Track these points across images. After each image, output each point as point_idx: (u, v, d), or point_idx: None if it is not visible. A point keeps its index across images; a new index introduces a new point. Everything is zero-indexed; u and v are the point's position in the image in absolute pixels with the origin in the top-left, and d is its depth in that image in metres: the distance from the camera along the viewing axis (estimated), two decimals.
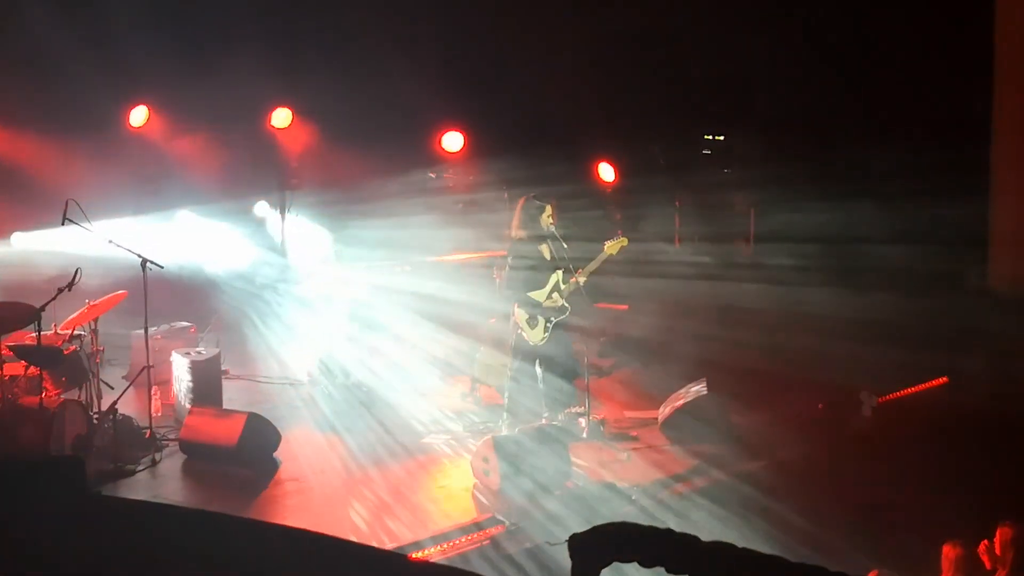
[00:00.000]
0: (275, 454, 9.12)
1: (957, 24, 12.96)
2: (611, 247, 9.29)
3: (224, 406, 10.01)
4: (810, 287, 12.53)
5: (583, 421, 9.55)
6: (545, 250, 9.38)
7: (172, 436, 9.44)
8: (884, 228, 12.95)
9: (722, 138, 15.54)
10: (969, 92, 13.36)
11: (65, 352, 9.07)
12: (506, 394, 9.65)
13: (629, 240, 9.45)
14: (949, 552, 5.74)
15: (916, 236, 12.60)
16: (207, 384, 10.06)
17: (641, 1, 13.81)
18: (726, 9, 13.68)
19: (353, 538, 7.20)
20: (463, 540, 7.46)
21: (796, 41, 13.35)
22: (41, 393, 8.44)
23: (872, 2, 13.65)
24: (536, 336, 9.33)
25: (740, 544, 2.35)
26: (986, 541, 5.76)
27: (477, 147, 13.90)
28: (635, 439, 9.66)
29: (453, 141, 13.93)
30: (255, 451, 8.95)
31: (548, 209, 9.37)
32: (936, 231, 12.50)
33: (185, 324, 11.82)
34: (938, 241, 12.50)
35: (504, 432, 8.97)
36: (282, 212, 13.86)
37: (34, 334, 8.66)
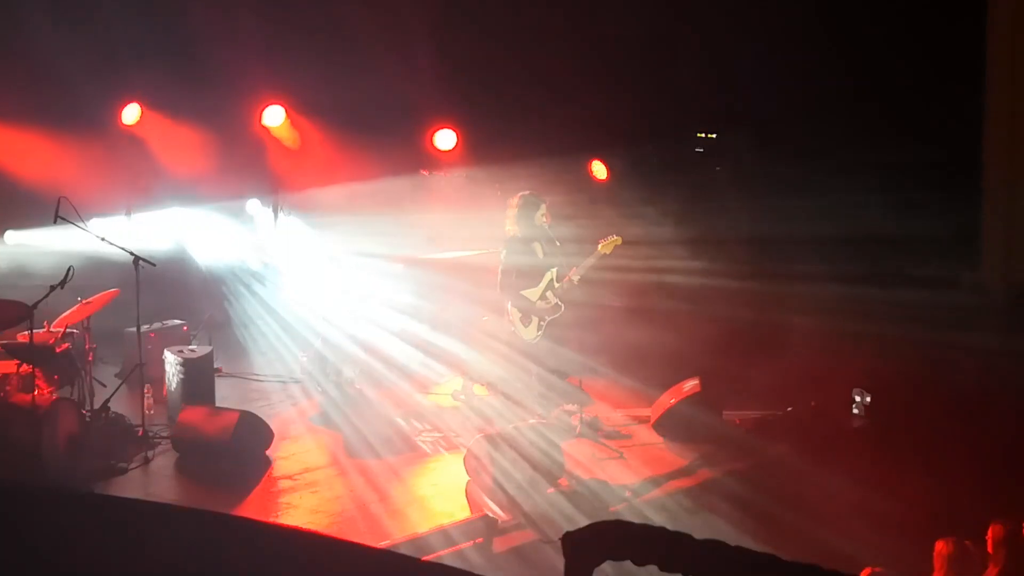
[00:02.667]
0: (267, 452, 9.13)
1: (950, 22, 12.99)
2: (605, 246, 9.29)
3: (217, 404, 10.00)
4: (803, 285, 12.54)
5: (576, 419, 9.56)
6: (538, 248, 9.38)
7: (165, 434, 9.43)
8: (878, 226, 12.96)
9: (714, 136, 15.56)
10: (962, 89, 13.38)
11: (57, 350, 9.05)
12: (499, 392, 9.65)
13: (623, 239, 9.45)
14: (941, 549, 5.75)
15: (910, 233, 12.61)
16: (200, 382, 10.04)
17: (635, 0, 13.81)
18: (720, 8, 13.69)
19: (346, 536, 7.20)
20: (456, 538, 7.46)
21: (789, 40, 13.35)
22: (33, 391, 8.43)
23: (865, 2, 13.67)
24: (529, 334, 9.34)
25: (733, 542, 2.35)
26: (968, 542, 5.77)
27: (470, 145, 13.90)
28: (628, 437, 9.68)
29: (446, 139, 13.93)
30: (248, 449, 8.95)
31: (543, 207, 9.38)
32: (930, 228, 12.51)
33: (178, 322, 11.79)
34: (932, 239, 12.52)
35: (497, 430, 8.97)
36: (274, 210, 13.83)
37: (26, 332, 8.65)
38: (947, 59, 12.96)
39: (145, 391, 9.44)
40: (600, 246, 9.30)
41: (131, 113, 12.87)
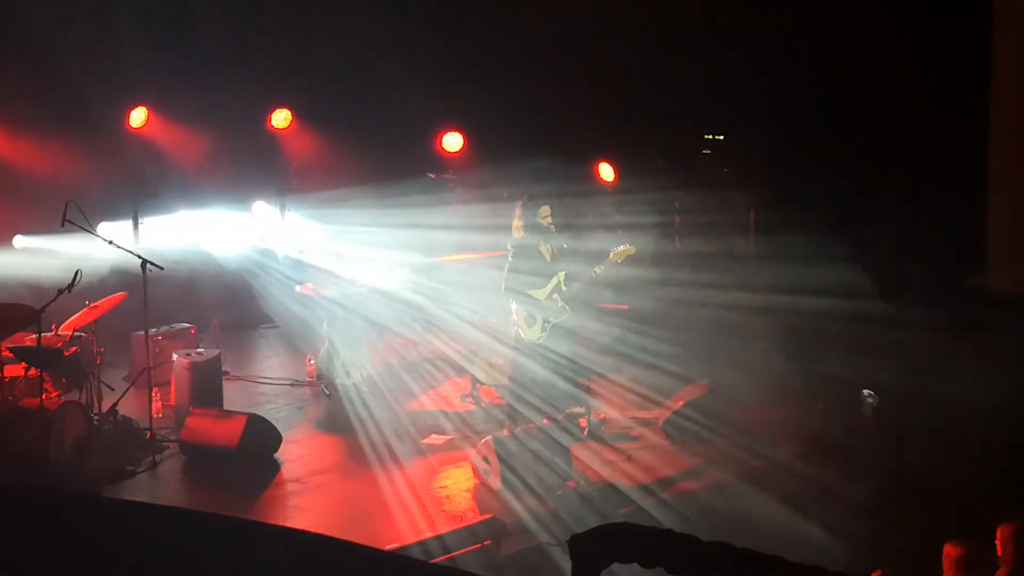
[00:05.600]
0: (276, 455, 9.13)
1: (956, 21, 12.96)
2: (617, 255, 9.27)
3: (225, 407, 10.02)
4: (809, 286, 12.51)
5: (584, 421, 9.55)
6: (546, 251, 9.39)
7: (172, 437, 9.44)
8: (882, 226, 12.93)
9: (721, 137, 15.52)
10: (967, 87, 13.35)
11: (65, 353, 9.07)
12: (507, 394, 9.65)
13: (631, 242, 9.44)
14: (950, 552, 5.72)
15: (914, 235, 12.58)
16: (208, 385, 10.06)
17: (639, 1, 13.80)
18: (725, 8, 13.68)
19: (354, 539, 7.20)
20: (464, 540, 7.45)
21: (793, 41, 13.33)
22: (41, 395, 8.45)
23: (870, 3, 13.64)
24: (533, 334, 9.33)
25: (740, 544, 2.35)
26: (977, 544, 5.74)
27: (477, 147, 13.91)
28: (636, 439, 9.66)
29: (453, 142, 13.96)
30: (256, 452, 8.96)
31: (544, 209, 9.39)
32: (935, 230, 12.48)
33: (185, 325, 11.81)
34: (937, 240, 12.48)
35: (505, 432, 8.97)
36: (281, 212, 13.86)
37: (34, 335, 8.66)
38: (953, 56, 12.92)
39: (153, 394, 9.45)
40: (612, 254, 9.28)
41: (138, 116, 12.92)
